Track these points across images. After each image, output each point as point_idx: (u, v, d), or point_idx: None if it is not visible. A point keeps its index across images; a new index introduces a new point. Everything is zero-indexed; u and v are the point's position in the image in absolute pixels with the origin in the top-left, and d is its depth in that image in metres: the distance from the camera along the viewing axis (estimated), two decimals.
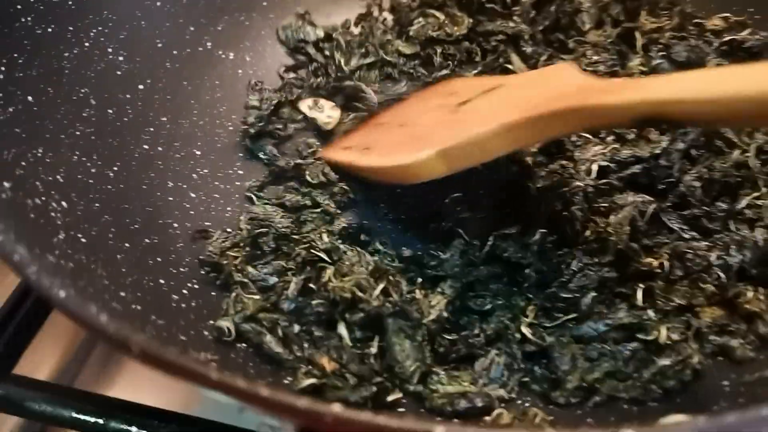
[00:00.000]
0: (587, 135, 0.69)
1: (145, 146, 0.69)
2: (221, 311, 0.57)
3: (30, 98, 0.59)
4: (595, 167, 0.65)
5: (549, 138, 0.66)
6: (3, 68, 0.58)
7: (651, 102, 0.46)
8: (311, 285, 0.58)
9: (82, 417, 0.53)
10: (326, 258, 0.62)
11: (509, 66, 0.78)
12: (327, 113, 0.76)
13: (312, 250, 0.62)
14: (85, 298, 0.41)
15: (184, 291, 0.58)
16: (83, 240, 0.53)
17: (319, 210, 0.67)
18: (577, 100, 0.50)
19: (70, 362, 0.73)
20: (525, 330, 0.55)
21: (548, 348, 0.55)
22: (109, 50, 0.70)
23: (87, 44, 0.68)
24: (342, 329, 0.55)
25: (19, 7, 0.62)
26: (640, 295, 0.56)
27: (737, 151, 0.64)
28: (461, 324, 0.58)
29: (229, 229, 0.66)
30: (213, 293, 0.60)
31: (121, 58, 0.71)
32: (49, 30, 0.64)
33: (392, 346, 0.53)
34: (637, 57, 0.74)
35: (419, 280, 0.60)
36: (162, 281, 0.57)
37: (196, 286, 0.59)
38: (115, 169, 0.64)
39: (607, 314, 0.56)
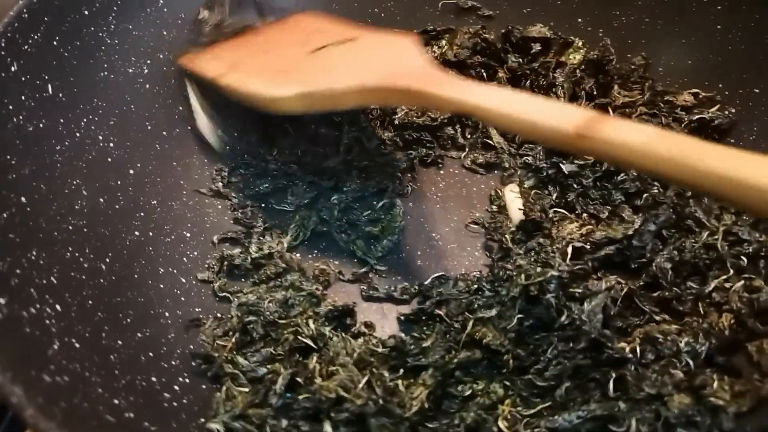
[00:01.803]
0: (564, 212, 0.72)
1: (137, 232, 0.71)
2: (211, 410, 0.59)
3: (23, 199, 0.62)
4: (570, 249, 0.67)
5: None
6: None
7: (464, 103, 0.57)
8: (298, 379, 0.60)
9: None
10: (312, 345, 0.64)
11: (489, 141, 0.80)
12: None
13: (299, 337, 0.65)
14: None
15: (176, 387, 0.60)
16: (77, 345, 0.56)
17: (305, 293, 0.69)
18: (417, 84, 0.60)
19: None
20: (501, 424, 0.57)
21: None
22: (100, 137, 0.73)
23: (78, 134, 0.70)
24: (327, 427, 0.57)
25: (10, 107, 0.64)
26: (611, 386, 0.59)
27: (706, 233, 0.67)
28: (442, 408, 0.61)
29: (219, 315, 0.68)
30: (204, 386, 0.62)
31: (111, 145, 0.74)
32: (41, 125, 0.67)
33: None
34: None
35: (401, 370, 0.62)
36: (154, 379, 0.59)
37: (187, 381, 0.61)
38: (107, 260, 0.66)
39: (580, 404, 0.58)
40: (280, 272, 0.72)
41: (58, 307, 0.57)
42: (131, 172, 0.74)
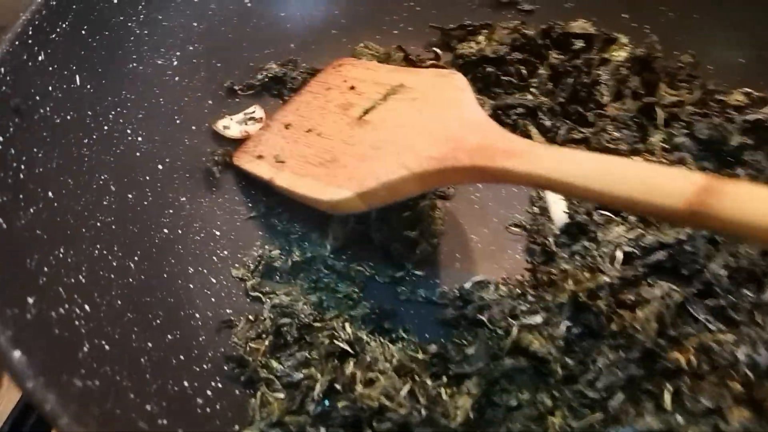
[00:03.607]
0: (610, 214, 0.69)
1: (165, 230, 0.69)
2: (247, 417, 0.56)
3: (50, 194, 0.59)
4: (619, 254, 0.64)
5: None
6: (23, 166, 0.58)
7: (541, 177, 0.51)
8: (337, 385, 0.57)
9: None
10: (349, 349, 0.61)
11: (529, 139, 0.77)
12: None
13: (335, 341, 0.62)
14: None
15: (209, 392, 0.57)
16: (107, 347, 0.53)
17: (341, 295, 0.67)
18: (482, 159, 0.55)
19: None
20: None
21: None
22: (128, 131, 0.70)
23: (106, 127, 0.68)
24: None
25: (38, 98, 0.61)
26: (668, 398, 0.56)
27: None
28: (486, 418, 0.58)
29: (251, 317, 0.65)
30: (237, 392, 0.59)
31: (140, 139, 0.71)
32: (68, 117, 0.64)
33: None
34: (658, 132, 0.73)
35: (444, 378, 0.59)
36: (186, 383, 0.56)
37: (220, 385, 0.59)
38: (136, 258, 0.64)
39: (635, 416, 0.55)
40: (319, 278, 0.69)
41: (87, 307, 0.55)
42: (160, 167, 0.72)
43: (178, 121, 0.75)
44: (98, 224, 0.62)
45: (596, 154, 0.51)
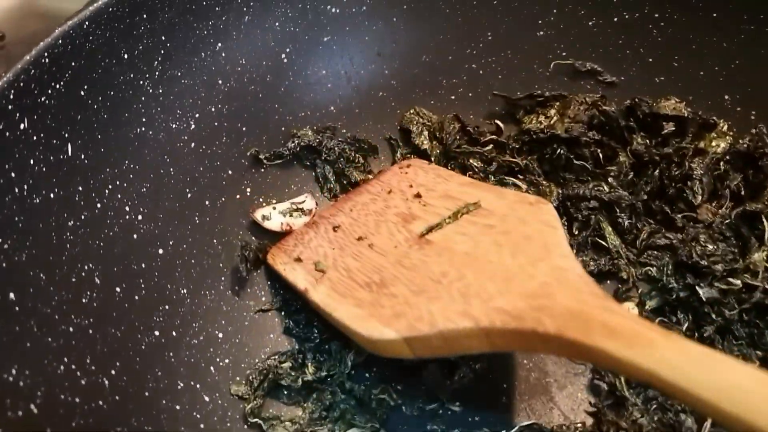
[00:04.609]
0: None
1: (156, 332, 0.58)
2: None
3: (12, 295, 0.49)
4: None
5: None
6: None
7: (654, 375, 0.37)
8: None
9: None
10: None
11: (602, 242, 0.64)
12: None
13: None
14: None
15: None
16: None
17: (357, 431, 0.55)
18: (573, 330, 0.42)
19: None
20: None
21: None
22: (127, 208, 0.60)
23: (99, 205, 0.58)
24: None
25: (12, 175, 0.51)
26: None
27: None
28: None
29: None
30: None
31: (140, 218, 0.61)
32: (51, 196, 0.54)
33: None
34: (763, 249, 0.60)
35: None
36: None
37: None
38: (113, 373, 0.53)
39: None
40: (334, 403, 0.57)
41: None
42: (160, 252, 0.61)
43: (189, 195, 0.65)
44: (71, 329, 0.52)
45: (744, 365, 0.37)
